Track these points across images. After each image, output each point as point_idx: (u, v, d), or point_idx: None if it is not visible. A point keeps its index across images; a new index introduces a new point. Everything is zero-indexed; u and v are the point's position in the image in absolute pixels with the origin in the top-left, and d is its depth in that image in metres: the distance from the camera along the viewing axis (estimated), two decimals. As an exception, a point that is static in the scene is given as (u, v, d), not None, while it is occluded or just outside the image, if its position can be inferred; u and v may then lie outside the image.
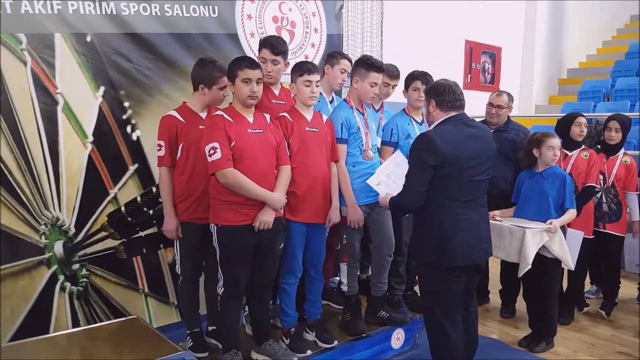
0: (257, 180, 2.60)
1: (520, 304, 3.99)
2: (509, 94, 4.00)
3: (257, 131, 2.66)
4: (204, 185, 2.79)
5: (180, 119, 2.86)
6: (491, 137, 2.74)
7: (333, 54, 3.48)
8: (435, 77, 3.34)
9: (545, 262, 3.31)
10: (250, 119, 2.68)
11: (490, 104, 3.98)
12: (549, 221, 3.25)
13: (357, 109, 3.17)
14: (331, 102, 3.49)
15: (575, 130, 3.79)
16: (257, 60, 2.78)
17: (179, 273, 3.00)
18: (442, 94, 2.62)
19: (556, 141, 3.37)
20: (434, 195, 2.55)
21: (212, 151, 2.53)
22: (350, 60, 3.43)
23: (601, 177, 3.90)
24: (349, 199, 3.04)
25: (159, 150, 2.86)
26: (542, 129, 3.54)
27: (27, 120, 2.95)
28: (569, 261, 3.31)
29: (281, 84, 3.20)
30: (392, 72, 3.55)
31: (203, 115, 2.90)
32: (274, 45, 2.99)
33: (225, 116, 2.61)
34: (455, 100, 2.62)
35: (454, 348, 2.65)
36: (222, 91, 2.90)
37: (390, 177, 2.91)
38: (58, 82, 3.06)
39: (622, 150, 3.99)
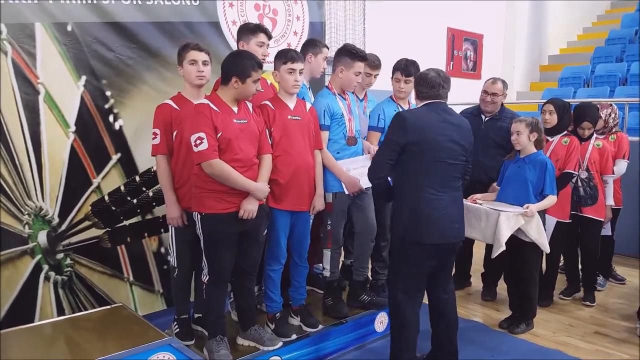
0: (241, 171, 2.62)
1: (501, 287, 4.07)
2: (503, 81, 3.95)
3: (241, 121, 2.66)
4: None
5: (175, 106, 2.85)
6: (469, 130, 2.81)
7: (315, 43, 3.48)
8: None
9: (523, 246, 3.39)
10: (235, 109, 2.68)
11: (485, 92, 3.94)
12: (525, 205, 3.32)
13: (339, 94, 3.21)
14: (309, 88, 3.51)
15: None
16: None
17: (175, 265, 2.96)
18: (420, 86, 2.78)
19: (515, 126, 3.44)
20: (405, 173, 2.67)
21: (198, 141, 2.52)
22: (327, 48, 3.46)
23: None
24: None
25: (154, 138, 2.83)
26: (523, 116, 3.57)
27: (8, 110, 2.94)
28: (546, 245, 3.39)
29: None
30: (373, 63, 3.60)
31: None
32: (267, 30, 3.10)
33: (212, 105, 2.60)
34: (428, 96, 2.75)
35: (408, 326, 2.74)
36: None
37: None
38: (39, 72, 3.04)
39: (594, 135, 4.01)
